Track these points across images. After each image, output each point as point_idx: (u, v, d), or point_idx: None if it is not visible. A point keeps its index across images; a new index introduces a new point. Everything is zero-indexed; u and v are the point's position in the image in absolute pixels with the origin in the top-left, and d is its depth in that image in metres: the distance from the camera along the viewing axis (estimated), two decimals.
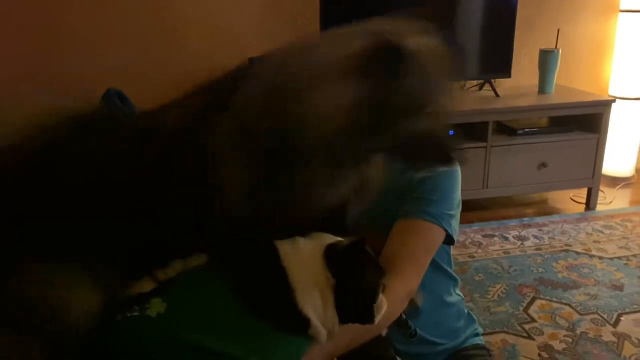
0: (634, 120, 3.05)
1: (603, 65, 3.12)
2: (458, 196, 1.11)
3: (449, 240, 1.09)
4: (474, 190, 2.65)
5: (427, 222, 1.03)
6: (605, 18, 3.03)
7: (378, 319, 0.76)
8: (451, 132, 2.75)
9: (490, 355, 1.26)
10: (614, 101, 2.68)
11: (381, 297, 0.77)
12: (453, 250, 1.24)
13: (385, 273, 0.78)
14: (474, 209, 2.75)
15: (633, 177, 3.16)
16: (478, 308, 1.92)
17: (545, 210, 2.82)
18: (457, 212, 1.11)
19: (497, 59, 2.78)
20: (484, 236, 2.48)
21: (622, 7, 2.97)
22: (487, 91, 2.81)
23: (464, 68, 1.10)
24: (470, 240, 2.44)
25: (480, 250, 2.35)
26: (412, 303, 0.99)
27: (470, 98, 2.76)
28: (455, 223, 1.10)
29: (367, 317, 0.75)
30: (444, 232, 1.06)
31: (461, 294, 1.29)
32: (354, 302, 0.74)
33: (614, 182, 3.12)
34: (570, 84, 2.98)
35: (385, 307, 0.77)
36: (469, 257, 2.30)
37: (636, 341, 1.73)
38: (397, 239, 1.01)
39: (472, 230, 2.55)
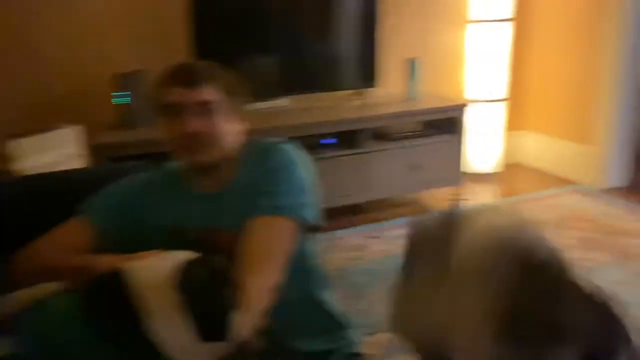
0: (492, 120, 3.37)
1: (460, 72, 3.41)
2: (308, 180, 1.15)
3: (312, 228, 1.14)
4: (355, 195, 2.77)
5: (277, 217, 1.07)
6: (457, 28, 3.32)
7: (238, 333, 0.78)
8: (330, 140, 2.81)
9: None
10: (466, 105, 2.94)
11: (237, 314, 0.79)
12: (336, 253, 1.30)
13: (237, 287, 0.80)
14: (355, 213, 2.87)
15: (496, 172, 3.48)
16: (361, 310, 2.00)
17: (418, 209, 3.01)
18: (311, 196, 1.14)
19: (364, 70, 2.94)
20: (366, 238, 2.60)
21: (470, 18, 3.28)
22: (358, 100, 2.96)
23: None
24: (352, 244, 2.55)
25: (362, 253, 2.46)
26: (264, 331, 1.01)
27: (345, 107, 2.89)
28: (311, 209, 1.13)
29: (222, 335, 0.77)
30: (297, 222, 1.09)
31: (331, 296, 1.30)
32: (207, 322, 0.76)
33: (480, 178, 3.41)
34: (432, 89, 3.23)
35: (244, 321, 0.79)
36: (352, 260, 2.40)
37: None
38: (252, 237, 1.04)
39: (353, 233, 2.66)
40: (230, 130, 1.17)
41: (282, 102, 2.88)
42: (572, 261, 0.66)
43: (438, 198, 3.13)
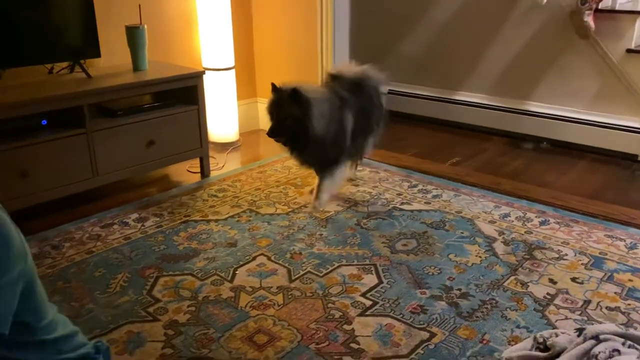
0: (227, 88, 3.35)
1: (193, 39, 3.29)
2: None
3: None
4: (84, 181, 2.45)
5: None
6: None
7: None
8: (44, 122, 2.44)
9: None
10: (203, 72, 2.85)
11: None
12: (68, 250, 1.01)
13: None
14: (88, 201, 2.56)
15: (239, 140, 3.50)
16: (99, 306, 1.79)
17: (166, 185, 2.85)
18: None
19: (83, 39, 2.60)
20: (102, 227, 2.34)
21: None
22: (78, 73, 2.61)
23: None
24: (87, 235, 2.27)
25: (99, 243, 2.21)
26: None
27: (60, 82, 2.51)
28: None
29: None
30: None
31: (74, 351, 1.10)
32: None
33: (224, 147, 3.39)
34: (165, 59, 3.04)
35: None
36: (87, 253, 2.13)
37: (250, 289, 1.91)
38: None
39: (88, 224, 2.37)
40: None
41: None
42: None
43: (183, 172, 3.00)
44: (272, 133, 2.34)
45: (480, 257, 2.11)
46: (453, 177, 2.91)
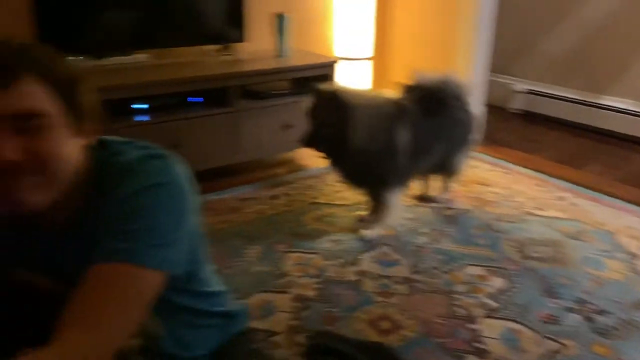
0: (361, 78, 3.40)
1: (328, 29, 3.38)
2: (173, 217, 0.86)
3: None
4: (227, 156, 2.65)
5: (115, 265, 0.78)
6: None
7: None
8: (196, 99, 2.66)
9: (250, 341, 1.24)
10: (336, 61, 2.92)
11: None
12: (209, 217, 1.03)
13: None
14: (226, 175, 2.75)
15: None
16: (235, 272, 1.93)
17: (294, 168, 2.97)
18: (176, 236, 0.85)
19: (233, 24, 2.78)
20: (239, 200, 2.51)
21: None
22: (227, 56, 2.80)
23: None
24: (225, 206, 2.44)
25: (235, 215, 2.37)
26: (152, 337, 0.89)
27: (211, 63, 2.72)
28: (171, 252, 0.84)
29: None
30: (144, 270, 0.80)
31: (223, 307, 1.18)
32: None
33: None
34: (304, 47, 3.16)
35: None
36: (224, 223, 2.30)
37: (374, 275, 1.94)
38: (80, 291, 0.77)
39: (227, 196, 2.55)
40: (71, 153, 0.82)
41: (141, 57, 2.63)
42: None
43: (310, 156, 3.11)
44: (305, 141, 2.06)
45: (621, 273, 1.97)
46: (593, 187, 2.72)
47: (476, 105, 2.39)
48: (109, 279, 0.79)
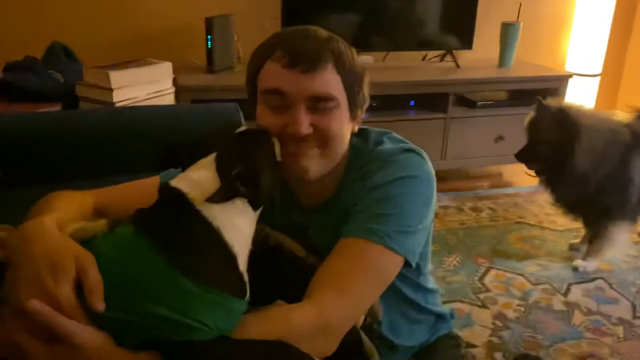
0: (586, 96, 3.12)
1: (561, 41, 3.16)
2: (419, 208, 0.90)
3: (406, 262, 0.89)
4: (432, 162, 2.64)
5: (367, 242, 0.83)
6: None
7: None
8: (411, 102, 2.72)
9: (458, 346, 1.23)
10: (570, 76, 2.71)
11: None
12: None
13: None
14: None
15: None
16: (435, 278, 1.92)
17: (500, 182, 2.86)
18: (418, 227, 0.89)
19: (459, 30, 2.77)
20: (441, 207, 2.50)
21: None
22: (447, 62, 2.80)
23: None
24: None
25: (436, 221, 2.37)
26: (375, 319, 0.94)
27: (431, 69, 2.74)
28: (413, 241, 0.88)
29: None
30: (391, 252, 0.84)
31: (436, 306, 1.18)
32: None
33: None
34: (530, 58, 3.00)
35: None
36: None
37: (585, 310, 1.78)
38: (333, 260, 0.84)
39: None
40: (347, 135, 0.92)
41: (366, 58, 2.77)
42: None
43: (520, 173, 2.95)
44: (520, 157, 1.97)
45: None
46: None
47: None
48: (363, 254, 0.84)
